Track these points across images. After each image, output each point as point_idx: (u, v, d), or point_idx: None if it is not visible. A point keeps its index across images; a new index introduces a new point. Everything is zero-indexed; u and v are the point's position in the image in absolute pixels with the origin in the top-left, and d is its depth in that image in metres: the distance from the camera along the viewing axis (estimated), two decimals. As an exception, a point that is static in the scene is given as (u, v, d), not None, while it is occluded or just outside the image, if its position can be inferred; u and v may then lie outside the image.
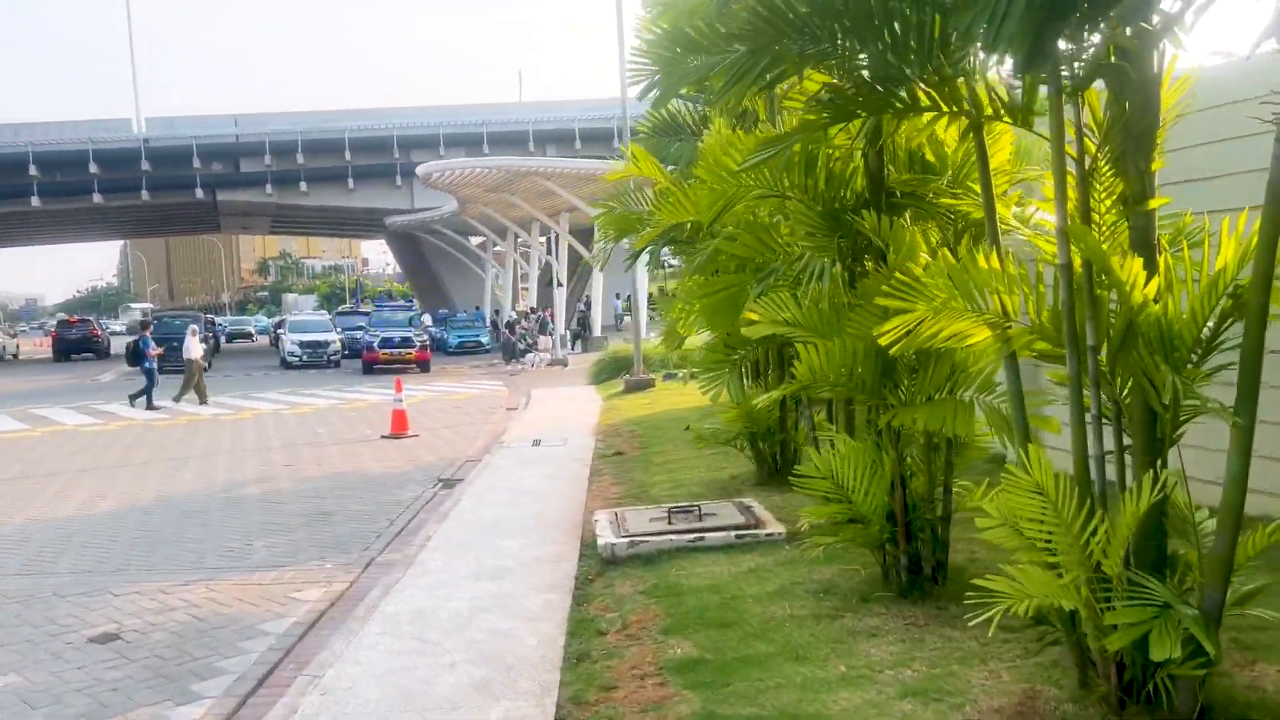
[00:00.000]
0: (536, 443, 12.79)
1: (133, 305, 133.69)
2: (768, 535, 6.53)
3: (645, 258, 8.72)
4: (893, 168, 5.16)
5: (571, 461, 11.13)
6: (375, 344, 31.32)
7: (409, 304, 49.07)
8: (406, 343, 31.37)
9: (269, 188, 49.57)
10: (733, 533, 6.56)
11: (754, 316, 5.26)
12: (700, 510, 6.96)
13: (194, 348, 21.87)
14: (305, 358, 34.28)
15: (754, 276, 5.67)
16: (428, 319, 50.84)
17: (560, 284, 36.45)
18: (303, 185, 49.72)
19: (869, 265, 5.21)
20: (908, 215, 5.10)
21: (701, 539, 6.52)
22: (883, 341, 3.91)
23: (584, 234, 42.33)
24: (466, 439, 14.65)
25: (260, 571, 7.51)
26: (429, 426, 16.16)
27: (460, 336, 41.12)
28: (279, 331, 43.14)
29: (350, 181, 50.02)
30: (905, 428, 5.06)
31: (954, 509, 5.24)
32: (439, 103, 56.81)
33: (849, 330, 4.90)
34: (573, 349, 37.09)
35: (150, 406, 20.48)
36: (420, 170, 33.77)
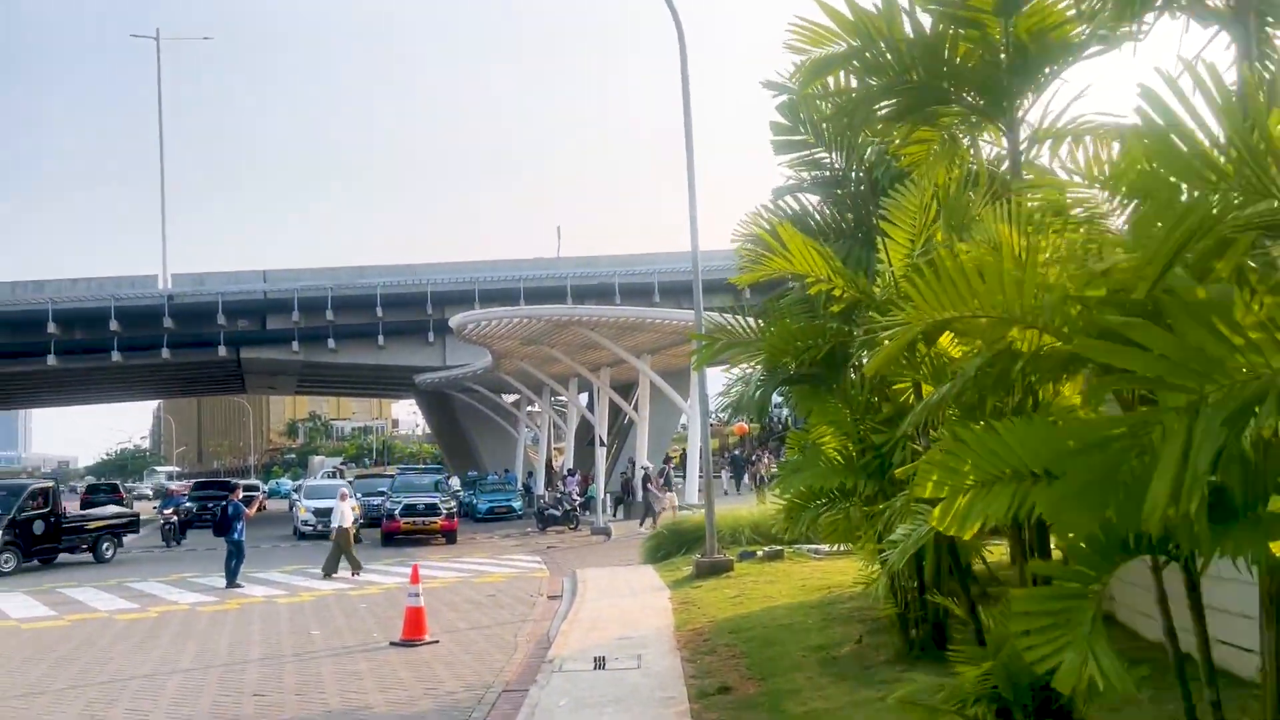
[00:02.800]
0: (599, 663, 9.24)
1: (158, 469, 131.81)
2: None
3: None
4: None
5: (659, 703, 7.58)
6: (397, 512, 27.95)
7: (438, 466, 45.97)
8: (431, 510, 27.97)
9: (296, 345, 47.45)
10: None
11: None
12: None
13: (345, 513, 19.23)
14: (320, 527, 30.82)
15: (1216, 415, 2.39)
16: (455, 482, 47.77)
17: (601, 442, 33.24)
18: (331, 342, 47.57)
19: None
20: None
21: None
22: None
23: (623, 389, 39.55)
24: (501, 648, 11.10)
25: None
26: (453, 626, 12.65)
27: (490, 501, 37.80)
28: (294, 498, 40.03)
29: (380, 338, 47.84)
30: None
31: None
32: (474, 258, 55.29)
33: None
34: (615, 515, 33.58)
35: (232, 584, 17.61)
36: (454, 321, 31.29)
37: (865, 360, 6.37)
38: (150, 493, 79.27)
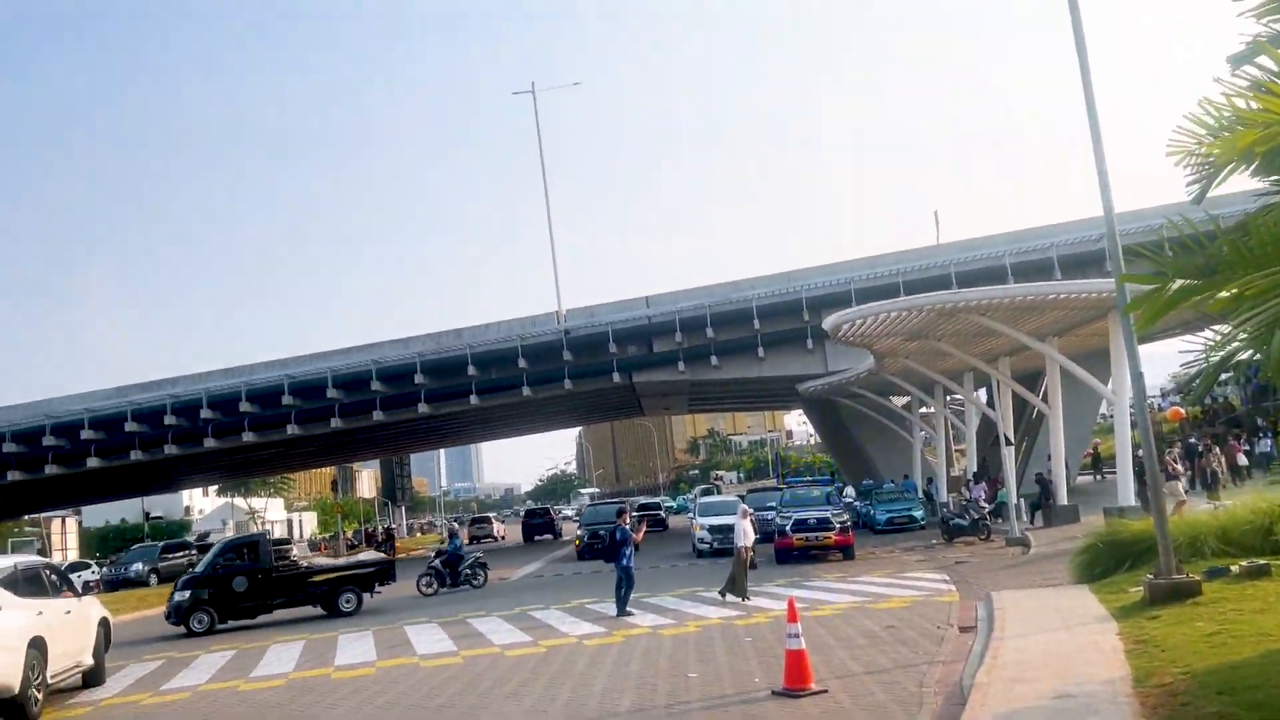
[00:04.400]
0: (1032, 735, 6.98)
1: (581, 491, 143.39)
2: None
3: None
4: None
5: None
6: (788, 528, 26.65)
7: (828, 477, 44.27)
8: (824, 524, 26.35)
9: (681, 365, 48.30)
10: None
11: None
12: None
13: (748, 531, 18.88)
14: (716, 544, 30.34)
15: None
16: (850, 492, 45.71)
17: (1008, 441, 29.59)
18: (714, 359, 47.85)
19: None
20: None
21: None
22: None
23: (1027, 379, 35.33)
24: (903, 703, 9.09)
25: None
26: (844, 668, 10.84)
27: (889, 511, 35.49)
28: (691, 515, 40.37)
29: (760, 350, 47.24)
30: None
31: None
32: (848, 257, 53.07)
33: None
34: (1031, 522, 29.74)
35: (622, 612, 17.27)
36: (828, 323, 29.54)
37: None
38: (572, 513, 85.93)
